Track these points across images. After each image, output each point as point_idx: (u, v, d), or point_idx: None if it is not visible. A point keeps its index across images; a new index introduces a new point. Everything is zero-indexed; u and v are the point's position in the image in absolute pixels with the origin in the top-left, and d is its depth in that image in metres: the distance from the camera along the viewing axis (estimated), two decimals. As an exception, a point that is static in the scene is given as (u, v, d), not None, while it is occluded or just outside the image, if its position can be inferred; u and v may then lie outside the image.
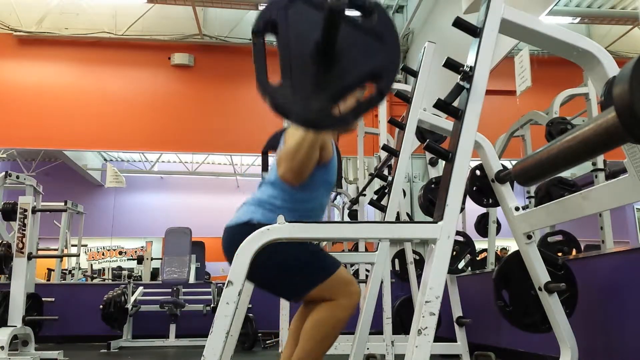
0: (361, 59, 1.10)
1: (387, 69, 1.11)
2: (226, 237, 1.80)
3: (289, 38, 1.07)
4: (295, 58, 1.06)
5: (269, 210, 1.78)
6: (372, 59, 1.11)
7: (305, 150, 1.66)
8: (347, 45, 1.08)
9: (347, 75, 1.09)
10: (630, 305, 2.35)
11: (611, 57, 1.45)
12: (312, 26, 1.06)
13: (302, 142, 1.65)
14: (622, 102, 0.77)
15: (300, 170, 1.69)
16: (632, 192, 1.44)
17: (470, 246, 3.54)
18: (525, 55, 3.42)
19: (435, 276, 1.12)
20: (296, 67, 1.06)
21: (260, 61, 1.04)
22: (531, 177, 1.25)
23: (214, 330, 1.15)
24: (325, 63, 1.07)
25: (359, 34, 1.10)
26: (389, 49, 1.12)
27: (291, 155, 1.67)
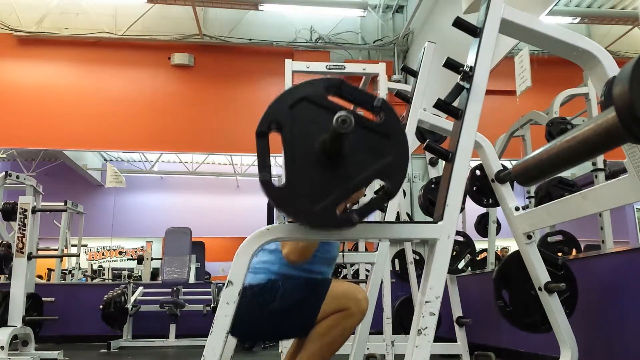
0: (368, 159, 1.07)
1: (395, 168, 1.08)
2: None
3: (293, 138, 1.05)
4: (300, 158, 1.05)
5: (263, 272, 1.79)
6: (380, 158, 1.08)
7: None
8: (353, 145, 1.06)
9: (354, 177, 1.07)
10: (630, 305, 2.35)
11: (611, 57, 1.45)
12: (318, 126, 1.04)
13: None
14: (622, 102, 0.77)
15: (305, 252, 1.69)
16: (632, 192, 1.44)
17: (470, 246, 3.54)
18: (525, 55, 3.42)
19: (435, 276, 1.12)
20: (300, 168, 1.05)
21: (264, 160, 1.03)
22: (531, 177, 1.25)
23: (214, 330, 1.15)
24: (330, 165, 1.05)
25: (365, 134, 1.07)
26: (396, 147, 1.08)
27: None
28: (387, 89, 3.68)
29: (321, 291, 1.73)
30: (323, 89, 1.08)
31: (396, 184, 1.07)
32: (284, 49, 6.61)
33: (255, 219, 1.83)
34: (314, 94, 1.07)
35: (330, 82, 1.08)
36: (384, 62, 3.76)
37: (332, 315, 1.71)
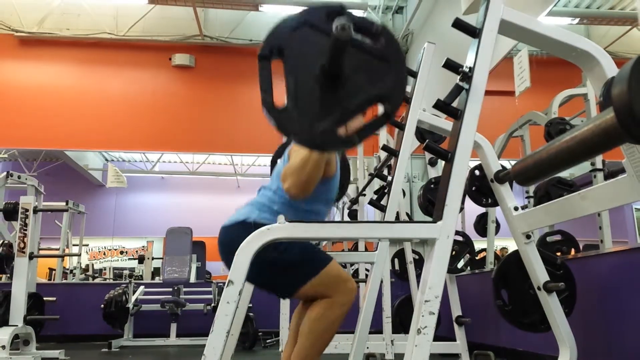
0: (368, 81, 1.10)
1: (394, 91, 1.10)
2: (221, 237, 1.83)
3: (295, 62, 1.07)
4: (301, 81, 1.06)
5: (266, 211, 1.81)
6: (379, 81, 1.10)
7: (312, 166, 1.67)
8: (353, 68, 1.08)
9: (354, 99, 1.09)
10: (629, 305, 2.36)
11: (610, 58, 1.45)
12: (319, 50, 1.06)
13: (308, 157, 1.66)
14: (621, 103, 0.77)
15: (306, 186, 1.70)
16: (630, 192, 1.45)
17: (470, 246, 3.54)
18: (525, 56, 3.43)
19: (435, 276, 1.13)
20: (302, 91, 1.06)
21: (266, 83, 1.04)
22: (530, 177, 1.26)
23: (215, 329, 1.16)
24: (331, 86, 1.07)
25: (365, 57, 1.10)
26: (396, 71, 1.11)
27: (297, 172, 1.68)
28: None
29: (320, 263, 1.76)
30: (324, 14, 1.09)
31: (395, 105, 1.10)
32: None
33: (256, 219, 1.85)
34: (314, 19, 1.09)
35: (331, 8, 1.09)
36: (384, 62, 3.76)
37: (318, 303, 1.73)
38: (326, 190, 1.89)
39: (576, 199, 1.71)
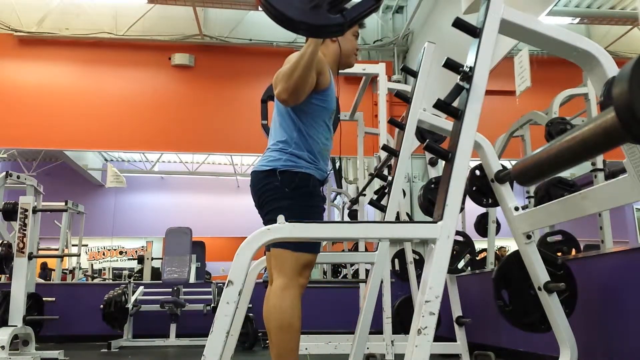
0: None
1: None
2: (253, 181, 1.96)
3: None
4: None
5: (289, 154, 1.90)
6: None
7: (301, 70, 1.72)
8: None
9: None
10: (630, 305, 2.36)
11: (610, 58, 1.45)
12: None
13: (298, 62, 1.72)
14: (622, 102, 0.77)
15: (296, 89, 1.76)
16: (631, 192, 1.44)
17: (470, 246, 3.54)
18: (525, 56, 3.42)
19: (435, 276, 1.13)
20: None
21: None
22: (531, 177, 1.25)
23: (214, 329, 1.16)
24: None
25: None
26: None
27: (287, 75, 1.74)
28: (387, 89, 3.69)
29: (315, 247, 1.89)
30: None
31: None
32: (284, 49, 6.61)
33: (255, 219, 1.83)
34: None
35: None
36: (383, 62, 3.76)
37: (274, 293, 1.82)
38: (323, 101, 1.95)
39: (577, 199, 1.71)
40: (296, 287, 1.81)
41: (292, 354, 1.76)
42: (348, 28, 1.12)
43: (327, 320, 5.03)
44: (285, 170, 1.87)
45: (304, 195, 1.87)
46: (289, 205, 1.83)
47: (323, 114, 1.97)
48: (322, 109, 1.96)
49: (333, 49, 2.07)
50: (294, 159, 1.89)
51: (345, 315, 4.40)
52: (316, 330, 3.76)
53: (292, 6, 1.05)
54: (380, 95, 3.62)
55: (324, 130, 1.99)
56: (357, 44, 2.15)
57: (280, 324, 1.75)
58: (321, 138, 1.97)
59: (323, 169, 1.99)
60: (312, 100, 1.90)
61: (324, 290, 5.42)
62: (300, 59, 1.73)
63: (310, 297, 2.25)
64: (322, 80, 1.89)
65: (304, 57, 1.72)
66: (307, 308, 1.91)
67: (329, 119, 2.02)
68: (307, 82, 1.79)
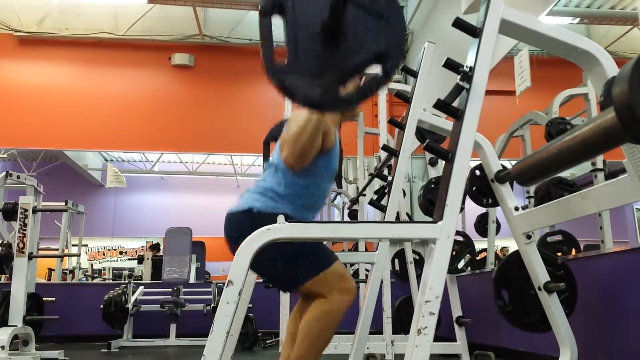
0: (367, 40, 1.09)
1: (393, 50, 1.10)
2: (227, 223, 1.83)
3: (295, 18, 1.07)
4: (302, 38, 1.06)
5: (271, 198, 1.79)
6: (378, 40, 1.10)
7: (309, 134, 1.67)
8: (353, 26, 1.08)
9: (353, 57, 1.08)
10: (630, 305, 2.36)
11: (610, 58, 1.45)
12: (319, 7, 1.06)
13: (305, 126, 1.67)
14: (622, 102, 0.77)
15: (303, 154, 1.71)
16: (631, 192, 1.44)
17: (470, 246, 3.54)
18: (525, 56, 3.42)
19: (435, 276, 1.13)
20: (302, 48, 1.06)
21: (267, 40, 1.05)
22: (531, 177, 1.25)
23: (214, 329, 1.16)
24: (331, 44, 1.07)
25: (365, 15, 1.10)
26: (395, 30, 1.11)
27: (294, 139, 1.69)
28: (387, 89, 3.69)
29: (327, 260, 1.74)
30: None
31: (394, 64, 1.10)
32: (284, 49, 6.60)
33: (256, 219, 1.84)
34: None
35: None
36: (384, 62, 3.75)
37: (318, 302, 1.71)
38: (327, 162, 1.88)
39: (577, 199, 1.71)
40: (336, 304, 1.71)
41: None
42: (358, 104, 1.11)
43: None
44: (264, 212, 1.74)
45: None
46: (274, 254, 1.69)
47: (323, 173, 1.89)
48: (324, 170, 1.88)
49: None
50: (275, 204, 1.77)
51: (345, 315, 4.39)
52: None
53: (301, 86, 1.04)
54: (380, 95, 3.62)
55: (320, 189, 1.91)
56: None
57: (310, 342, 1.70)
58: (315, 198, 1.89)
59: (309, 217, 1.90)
60: (315, 160, 1.81)
61: (324, 290, 5.41)
62: (307, 123, 1.66)
63: (310, 297, 2.24)
64: (327, 141, 1.81)
65: (310, 121, 1.65)
66: (307, 308, 1.91)
67: (329, 179, 1.95)
68: (314, 146, 1.72)
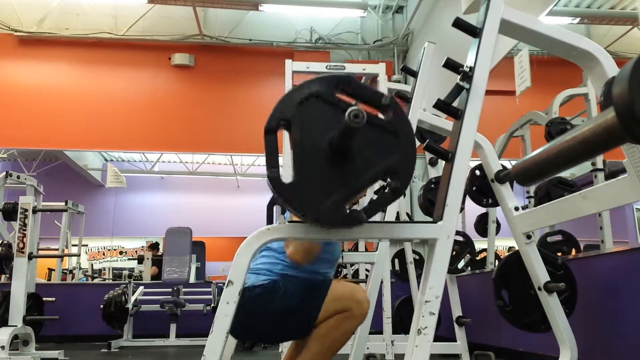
0: (376, 156, 1.07)
1: (403, 166, 1.08)
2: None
3: (302, 135, 1.04)
4: (308, 155, 1.04)
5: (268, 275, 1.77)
6: (387, 156, 1.08)
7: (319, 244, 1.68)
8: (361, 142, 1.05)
9: (361, 174, 1.07)
10: (630, 305, 2.36)
11: (610, 58, 1.45)
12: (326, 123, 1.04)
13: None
14: (622, 102, 0.77)
15: (310, 253, 1.71)
16: (631, 192, 1.44)
17: (470, 246, 3.54)
18: (525, 56, 3.42)
19: (435, 276, 1.13)
20: (309, 165, 1.04)
21: (273, 157, 1.03)
22: (531, 177, 1.25)
23: (214, 329, 1.16)
24: (338, 162, 1.05)
25: (373, 131, 1.07)
26: (404, 145, 1.08)
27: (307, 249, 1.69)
28: (387, 89, 3.69)
29: (322, 292, 1.72)
30: (332, 85, 1.07)
31: (404, 182, 1.08)
32: (284, 49, 6.61)
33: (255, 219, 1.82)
34: (322, 91, 1.07)
35: (340, 79, 1.08)
36: (383, 62, 3.75)
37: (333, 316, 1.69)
38: (329, 252, 1.88)
39: (577, 199, 1.71)
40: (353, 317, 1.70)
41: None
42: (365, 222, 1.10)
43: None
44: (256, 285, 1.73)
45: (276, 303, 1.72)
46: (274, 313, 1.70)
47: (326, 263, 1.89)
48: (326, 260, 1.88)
49: None
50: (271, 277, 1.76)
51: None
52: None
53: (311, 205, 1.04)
54: (382, 94, 3.61)
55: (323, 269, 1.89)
56: None
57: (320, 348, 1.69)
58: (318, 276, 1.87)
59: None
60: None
61: (324, 290, 5.42)
62: None
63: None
64: None
65: None
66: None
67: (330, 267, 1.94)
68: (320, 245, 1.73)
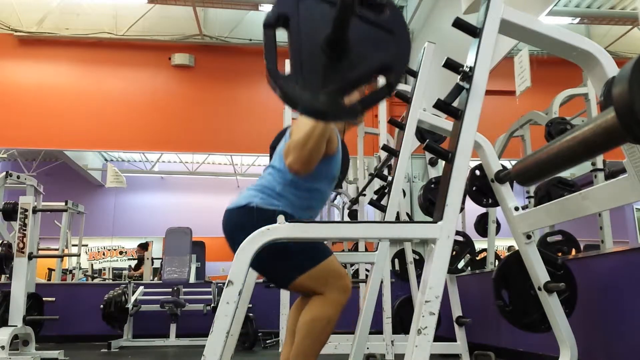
0: (371, 52, 1.11)
1: (397, 61, 1.11)
2: (225, 220, 1.85)
3: (300, 31, 1.08)
4: (306, 50, 1.07)
5: (269, 195, 1.81)
6: (382, 52, 1.11)
7: (314, 141, 1.68)
8: (357, 38, 1.09)
9: (357, 68, 1.09)
10: (630, 305, 2.36)
11: (610, 58, 1.45)
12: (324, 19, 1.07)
13: (311, 133, 1.67)
14: (622, 102, 0.77)
15: (309, 161, 1.71)
16: (631, 192, 1.44)
17: (470, 246, 3.54)
18: (525, 56, 3.42)
19: (435, 276, 1.13)
20: (306, 59, 1.07)
21: (271, 52, 1.05)
22: (531, 177, 1.25)
23: (215, 329, 1.16)
24: (335, 56, 1.08)
25: (369, 28, 1.11)
26: (399, 42, 1.12)
27: (300, 146, 1.69)
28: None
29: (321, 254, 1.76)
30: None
31: (397, 75, 1.11)
32: (284, 49, 6.58)
33: (256, 219, 1.84)
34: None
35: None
36: (384, 62, 3.75)
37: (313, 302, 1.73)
38: (329, 168, 1.89)
39: (577, 199, 1.71)
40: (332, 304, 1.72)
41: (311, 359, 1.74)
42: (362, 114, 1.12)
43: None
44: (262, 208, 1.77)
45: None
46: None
47: (324, 179, 1.90)
48: (324, 176, 1.89)
49: None
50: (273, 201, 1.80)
51: (345, 315, 4.37)
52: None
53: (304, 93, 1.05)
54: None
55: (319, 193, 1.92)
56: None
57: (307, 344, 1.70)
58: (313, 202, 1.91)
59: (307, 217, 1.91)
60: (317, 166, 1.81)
61: (324, 290, 5.41)
62: (313, 130, 1.67)
63: (310, 297, 2.24)
64: (330, 147, 1.82)
65: (317, 127, 1.66)
66: (307, 308, 1.91)
67: (329, 184, 1.95)
68: (320, 152, 1.73)
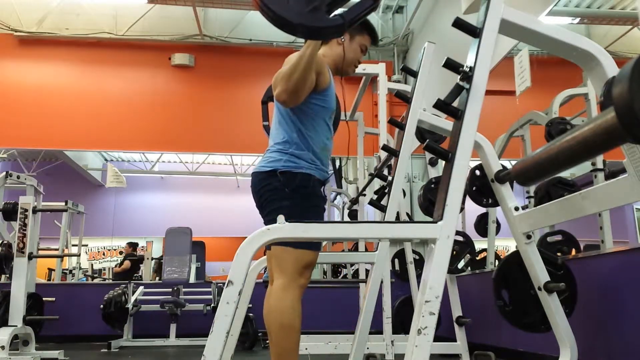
0: None
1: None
2: (254, 183, 1.96)
3: None
4: None
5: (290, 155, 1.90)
6: None
7: (300, 72, 1.73)
8: None
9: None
10: (630, 305, 2.36)
11: (610, 58, 1.45)
12: None
13: (298, 62, 1.73)
14: (622, 102, 0.77)
15: (296, 90, 1.76)
16: (631, 192, 1.44)
17: (470, 246, 3.54)
18: (525, 56, 3.42)
19: (435, 276, 1.13)
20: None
21: None
22: (531, 177, 1.25)
23: (215, 329, 1.16)
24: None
25: None
26: None
27: (287, 76, 1.75)
28: (387, 89, 3.69)
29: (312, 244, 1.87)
30: None
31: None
32: (284, 49, 6.61)
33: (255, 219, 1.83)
34: None
35: None
36: (383, 62, 3.76)
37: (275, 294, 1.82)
38: (325, 100, 1.95)
39: (577, 199, 1.71)
40: (296, 288, 1.80)
41: (292, 354, 1.76)
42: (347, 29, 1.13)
43: (327, 320, 5.03)
44: (285, 171, 1.87)
45: (305, 195, 1.87)
46: (289, 206, 1.84)
47: (323, 114, 1.97)
48: (322, 109, 1.96)
49: (337, 52, 2.06)
50: (294, 160, 1.89)
51: (345, 315, 4.40)
52: (316, 330, 3.76)
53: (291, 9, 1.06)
54: (380, 95, 3.62)
55: (324, 130, 1.99)
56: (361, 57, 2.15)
57: (280, 324, 1.75)
58: (322, 138, 1.97)
59: (324, 169, 1.99)
60: (311, 100, 1.90)
61: (324, 290, 5.42)
62: (299, 60, 1.73)
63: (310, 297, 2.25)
64: (321, 80, 1.89)
65: (303, 58, 1.72)
66: (307, 308, 1.91)
67: (329, 119, 2.02)
68: (307, 83, 1.79)
